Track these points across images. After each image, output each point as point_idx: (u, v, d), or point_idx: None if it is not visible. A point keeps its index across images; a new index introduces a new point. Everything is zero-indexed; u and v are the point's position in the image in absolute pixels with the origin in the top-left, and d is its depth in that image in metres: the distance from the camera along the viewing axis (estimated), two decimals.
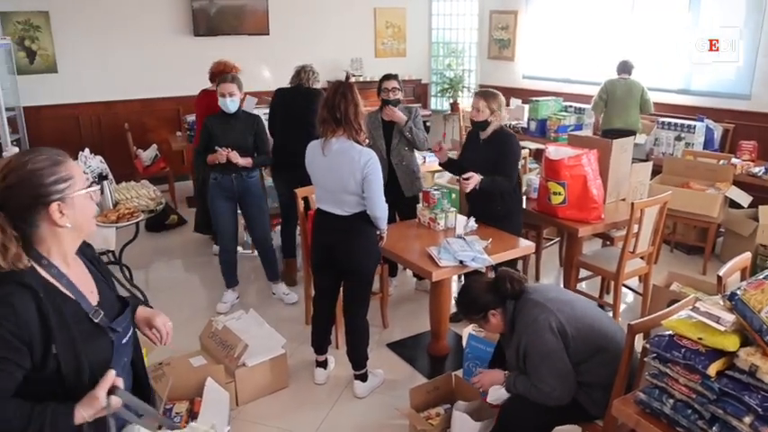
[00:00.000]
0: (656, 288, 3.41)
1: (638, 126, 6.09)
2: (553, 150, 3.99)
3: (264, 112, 4.80)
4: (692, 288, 3.36)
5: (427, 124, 7.65)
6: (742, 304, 1.68)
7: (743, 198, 4.94)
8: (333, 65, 7.78)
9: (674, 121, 5.93)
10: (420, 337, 3.94)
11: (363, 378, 3.35)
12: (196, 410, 2.84)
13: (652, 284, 3.71)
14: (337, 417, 3.20)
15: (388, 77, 4.20)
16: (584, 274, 4.22)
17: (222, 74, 4.35)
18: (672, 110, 6.46)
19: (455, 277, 4.03)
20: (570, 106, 6.65)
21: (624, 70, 6.07)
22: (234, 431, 3.05)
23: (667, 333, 1.85)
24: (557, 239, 5.01)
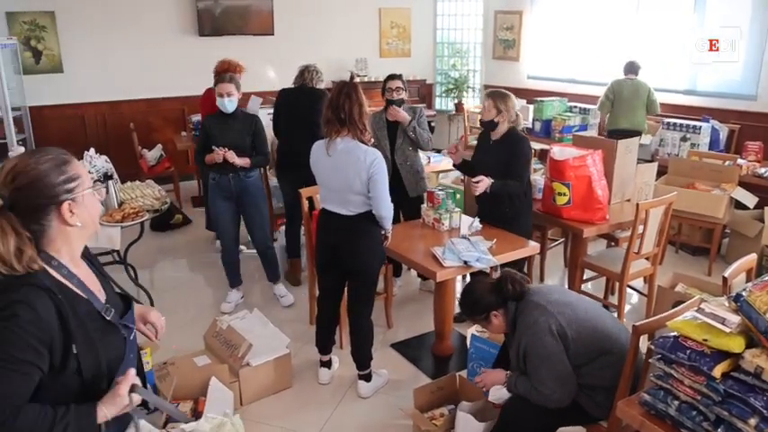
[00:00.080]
0: (660, 289, 3.41)
1: (643, 126, 6.09)
2: (558, 151, 3.98)
3: (269, 112, 4.81)
4: (698, 289, 3.35)
5: (432, 124, 7.65)
6: (747, 306, 1.67)
7: (748, 199, 4.92)
8: (338, 65, 7.79)
9: (679, 121, 5.90)
10: (424, 337, 3.94)
11: (367, 378, 3.35)
12: (200, 410, 2.85)
13: (657, 285, 3.70)
14: (341, 417, 3.20)
15: (392, 77, 4.20)
16: (589, 274, 4.21)
17: (227, 73, 4.36)
18: (677, 110, 6.44)
19: (459, 277, 4.03)
20: (575, 107, 6.63)
21: (631, 71, 6.07)
22: None
23: (672, 334, 1.84)
24: (561, 240, 5.00)
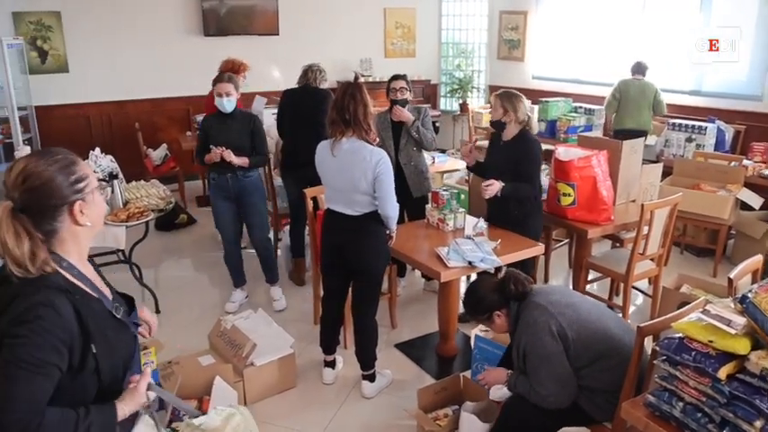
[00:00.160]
0: (665, 290, 3.40)
1: (649, 127, 6.07)
2: (563, 151, 3.97)
3: (273, 112, 4.82)
4: (703, 290, 3.35)
5: (436, 125, 7.63)
6: (753, 307, 1.67)
7: (754, 200, 4.90)
8: (342, 65, 7.79)
9: (684, 122, 5.89)
10: (428, 337, 3.93)
11: (371, 378, 3.35)
12: (205, 409, 2.85)
13: (662, 287, 3.69)
14: (345, 417, 3.20)
15: (396, 77, 4.20)
16: (594, 275, 4.20)
17: (231, 72, 4.36)
18: (683, 111, 6.43)
19: (464, 278, 4.02)
20: (580, 107, 6.61)
21: (638, 71, 6.07)
22: None
23: (677, 335, 1.83)
24: (566, 241, 4.99)
